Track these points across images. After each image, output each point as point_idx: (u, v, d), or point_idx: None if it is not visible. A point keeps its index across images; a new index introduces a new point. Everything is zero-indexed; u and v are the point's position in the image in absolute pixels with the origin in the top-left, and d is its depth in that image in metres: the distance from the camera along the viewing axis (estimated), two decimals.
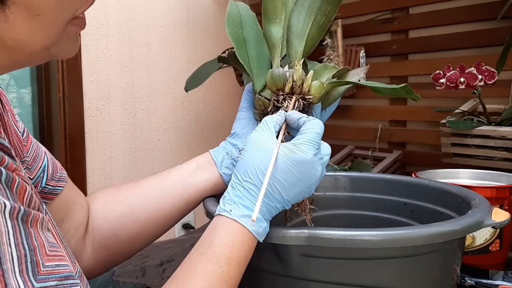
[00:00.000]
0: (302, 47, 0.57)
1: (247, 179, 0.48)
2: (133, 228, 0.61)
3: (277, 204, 0.48)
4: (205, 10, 1.73)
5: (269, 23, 0.60)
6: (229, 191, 0.49)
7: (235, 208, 0.47)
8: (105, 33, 1.46)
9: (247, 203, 0.47)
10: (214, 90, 1.78)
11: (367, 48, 1.47)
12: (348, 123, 1.60)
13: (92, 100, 1.44)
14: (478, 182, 0.97)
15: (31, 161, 0.54)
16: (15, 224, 0.32)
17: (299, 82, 0.56)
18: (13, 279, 0.30)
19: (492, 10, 1.19)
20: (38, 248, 0.33)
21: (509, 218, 0.52)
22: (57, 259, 0.34)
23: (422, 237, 0.46)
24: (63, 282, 0.34)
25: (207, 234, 0.47)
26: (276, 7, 0.60)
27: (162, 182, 0.63)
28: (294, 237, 0.46)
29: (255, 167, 0.47)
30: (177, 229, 1.67)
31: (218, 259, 0.44)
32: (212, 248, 0.45)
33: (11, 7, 0.35)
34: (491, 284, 0.72)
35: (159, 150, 1.63)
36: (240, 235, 0.46)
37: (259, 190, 0.47)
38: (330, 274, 0.49)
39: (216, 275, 0.44)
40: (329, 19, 0.56)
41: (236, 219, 0.46)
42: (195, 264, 0.44)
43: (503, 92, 1.15)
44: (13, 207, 0.32)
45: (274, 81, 0.56)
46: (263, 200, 0.47)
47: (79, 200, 0.60)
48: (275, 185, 0.47)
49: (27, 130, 0.56)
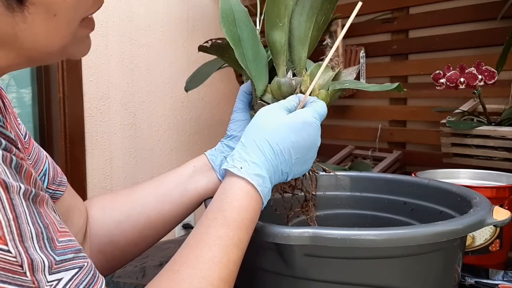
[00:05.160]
0: (305, 53, 0.55)
1: (262, 141, 0.48)
2: (131, 234, 0.61)
3: (284, 167, 0.49)
4: (205, 10, 1.73)
5: (272, 28, 0.57)
6: (239, 150, 0.49)
7: (246, 166, 0.47)
8: (105, 33, 1.46)
9: (259, 163, 0.47)
10: (214, 90, 1.78)
11: (367, 48, 1.48)
12: (348, 123, 1.60)
13: (92, 100, 1.44)
14: (478, 182, 0.97)
15: (32, 164, 0.54)
16: (28, 205, 0.33)
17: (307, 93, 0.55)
18: (37, 255, 0.32)
19: (492, 10, 1.19)
20: (50, 226, 0.35)
21: (510, 217, 0.52)
22: (68, 235, 0.36)
23: (425, 236, 0.46)
24: (78, 254, 0.36)
25: (216, 199, 0.47)
26: (279, 9, 0.56)
27: (160, 187, 0.62)
28: (298, 237, 0.46)
29: (272, 132, 0.48)
30: (177, 229, 1.67)
31: (228, 224, 0.45)
32: (222, 212, 0.45)
33: (30, 8, 0.36)
34: (491, 284, 0.72)
35: (159, 150, 1.63)
36: (249, 197, 0.46)
37: (274, 153, 0.48)
38: (333, 273, 0.49)
39: (228, 239, 0.44)
40: (328, 18, 0.55)
41: (246, 177, 0.46)
42: (206, 229, 0.45)
43: (503, 92, 1.15)
44: (26, 189, 0.33)
45: (281, 91, 0.56)
46: (271, 159, 0.48)
47: (78, 205, 0.60)
48: (286, 144, 0.48)
49: (29, 133, 0.56)
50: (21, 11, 0.35)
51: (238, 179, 0.47)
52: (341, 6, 1.59)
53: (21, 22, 0.36)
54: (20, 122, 0.54)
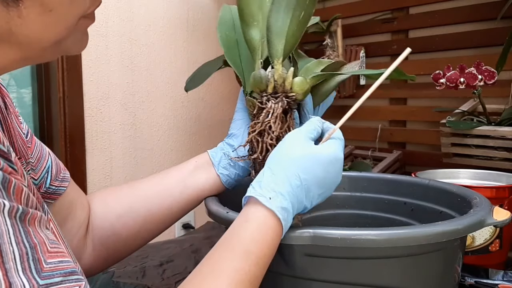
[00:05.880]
0: (282, 46, 0.56)
1: (293, 174, 0.46)
2: (132, 227, 0.61)
3: (307, 202, 0.48)
4: (205, 10, 1.73)
5: (247, 27, 0.59)
6: (268, 178, 0.46)
7: (275, 197, 0.45)
8: (105, 33, 1.46)
9: (286, 196, 0.45)
10: (214, 90, 1.78)
11: (367, 48, 1.48)
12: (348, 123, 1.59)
13: (92, 100, 1.44)
14: (478, 182, 0.97)
15: (35, 162, 0.54)
16: (14, 223, 0.31)
17: (280, 81, 0.55)
18: (17, 278, 0.30)
19: (492, 10, 1.19)
20: (39, 246, 0.32)
21: (510, 217, 0.52)
22: (60, 256, 0.34)
23: (426, 236, 0.46)
24: (68, 277, 0.33)
25: (237, 227, 0.45)
26: (251, 9, 0.59)
27: (161, 182, 0.63)
28: (298, 237, 0.46)
29: (302, 168, 0.47)
30: (177, 229, 1.67)
31: (247, 257, 0.42)
32: (241, 244, 0.43)
33: (25, 2, 0.35)
34: (491, 284, 0.72)
35: (159, 150, 1.63)
36: (272, 231, 0.44)
37: (301, 188, 0.46)
38: (334, 273, 0.49)
39: (243, 274, 0.41)
40: (309, 12, 0.55)
41: (273, 209, 0.44)
42: (223, 260, 0.42)
43: (503, 92, 1.15)
44: (12, 207, 0.31)
45: (256, 83, 0.56)
46: (297, 192, 0.46)
47: (81, 199, 0.61)
48: (314, 180, 0.47)
49: (31, 131, 0.56)
50: (16, 5, 0.35)
51: (264, 209, 0.45)
52: (341, 6, 1.60)
53: (16, 17, 0.35)
54: (22, 120, 0.54)
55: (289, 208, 0.45)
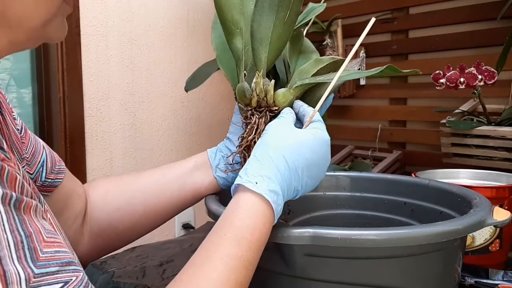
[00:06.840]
0: (266, 54, 0.53)
1: (278, 157, 0.47)
2: (129, 221, 0.62)
3: (297, 184, 0.48)
4: (205, 10, 1.73)
5: (230, 35, 0.56)
6: (253, 164, 0.47)
7: (261, 181, 0.45)
8: (105, 33, 1.46)
9: (274, 179, 0.46)
10: (214, 90, 1.78)
11: (367, 48, 1.48)
12: (348, 123, 1.60)
13: (92, 100, 1.44)
14: (478, 182, 0.97)
15: (30, 157, 0.54)
16: (7, 210, 0.31)
17: (262, 95, 0.54)
18: (12, 266, 0.30)
19: (492, 10, 1.19)
20: (34, 234, 0.32)
21: (510, 217, 0.52)
22: (56, 246, 0.33)
23: (426, 236, 0.46)
24: (65, 267, 0.33)
25: (228, 215, 0.45)
26: (233, 15, 0.55)
27: (162, 178, 0.64)
28: (298, 237, 0.46)
29: (287, 149, 0.47)
30: (177, 229, 1.67)
31: (239, 242, 0.43)
32: (233, 230, 0.43)
33: None
34: (491, 284, 0.72)
35: (159, 150, 1.63)
36: (262, 216, 0.45)
37: (289, 170, 0.46)
38: (334, 273, 0.49)
39: (236, 259, 0.42)
40: (296, 11, 0.52)
41: (261, 193, 0.44)
42: (215, 247, 0.43)
43: (503, 92, 1.15)
44: (5, 193, 0.31)
45: (240, 96, 0.55)
46: (286, 175, 0.46)
47: (77, 190, 0.61)
48: (302, 162, 0.48)
49: (25, 126, 0.56)
50: None
51: (252, 194, 0.45)
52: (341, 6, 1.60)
53: None
54: (16, 116, 0.54)
55: (278, 190, 0.46)
